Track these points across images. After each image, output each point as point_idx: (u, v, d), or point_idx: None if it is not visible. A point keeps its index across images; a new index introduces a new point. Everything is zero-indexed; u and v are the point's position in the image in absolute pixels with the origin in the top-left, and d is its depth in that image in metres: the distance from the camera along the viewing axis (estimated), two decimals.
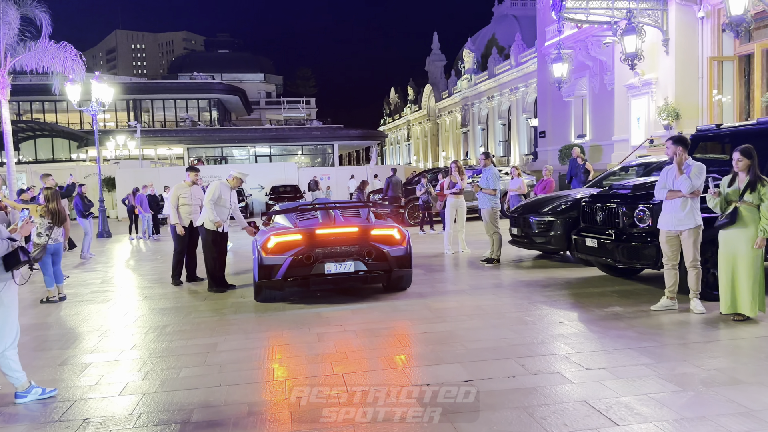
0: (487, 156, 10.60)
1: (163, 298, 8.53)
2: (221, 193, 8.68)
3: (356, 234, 7.54)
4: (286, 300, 7.86)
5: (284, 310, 7.31)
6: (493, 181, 10.16)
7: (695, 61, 21.78)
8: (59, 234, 8.46)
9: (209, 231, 8.66)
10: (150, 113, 52.95)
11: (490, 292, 7.88)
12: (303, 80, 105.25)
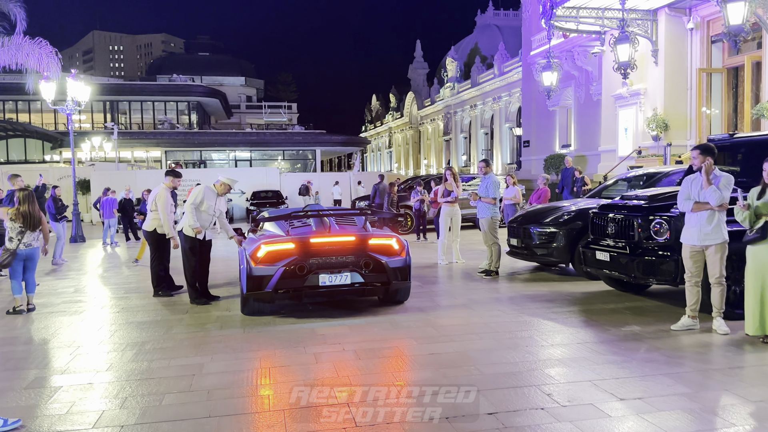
0: (487, 163, 10.17)
1: (141, 310, 7.90)
2: (205, 197, 8.07)
3: (353, 243, 7.02)
4: (276, 313, 7.30)
5: (275, 325, 6.75)
6: (493, 190, 9.72)
7: (684, 73, 21.70)
8: (33, 239, 7.77)
9: (188, 237, 8.05)
10: (127, 115, 51.84)
11: (493, 307, 7.41)
12: (284, 85, 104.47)
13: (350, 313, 7.25)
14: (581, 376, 4.73)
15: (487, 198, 9.85)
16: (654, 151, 21.91)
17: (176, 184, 8.99)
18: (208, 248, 8.41)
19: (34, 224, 7.65)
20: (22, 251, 7.65)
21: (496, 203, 9.95)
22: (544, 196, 12.02)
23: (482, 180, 10.10)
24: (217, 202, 8.28)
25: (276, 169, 32.64)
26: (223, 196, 8.33)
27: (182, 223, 8.13)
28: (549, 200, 12.26)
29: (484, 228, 9.87)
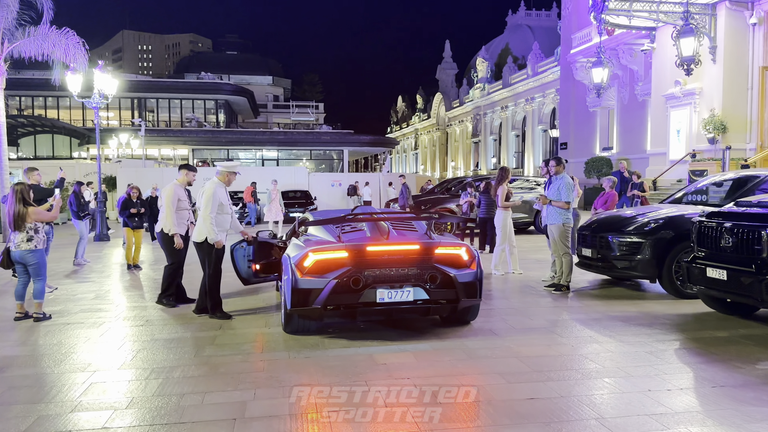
0: (558, 162, 8.94)
1: (167, 323, 6.90)
2: (219, 196, 7.04)
3: (416, 253, 5.94)
4: (323, 332, 6.24)
5: (324, 349, 5.69)
6: (566, 192, 8.49)
7: (744, 71, 20.24)
8: (24, 240, 6.95)
9: (213, 246, 7.06)
10: (155, 112, 51.47)
11: (581, 332, 6.26)
12: (310, 86, 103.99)
13: (410, 334, 6.16)
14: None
15: (559, 202, 8.62)
16: (710, 154, 20.48)
17: (190, 179, 7.94)
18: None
19: (17, 224, 6.81)
20: (16, 252, 6.90)
21: (570, 208, 8.71)
22: (612, 201, 10.79)
23: (553, 181, 8.89)
24: (227, 196, 7.37)
25: (305, 168, 31.73)
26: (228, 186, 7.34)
27: (200, 232, 7.04)
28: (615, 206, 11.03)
29: (553, 236, 8.66)
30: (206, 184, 7.13)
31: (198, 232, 7.07)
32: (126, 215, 11.75)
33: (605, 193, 10.93)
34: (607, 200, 10.82)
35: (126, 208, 11.81)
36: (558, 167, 8.84)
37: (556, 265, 8.69)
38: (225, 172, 7.21)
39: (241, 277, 7.74)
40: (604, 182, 11.04)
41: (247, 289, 8.96)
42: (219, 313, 7.07)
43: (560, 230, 8.45)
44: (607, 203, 10.83)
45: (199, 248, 7.10)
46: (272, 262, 7.71)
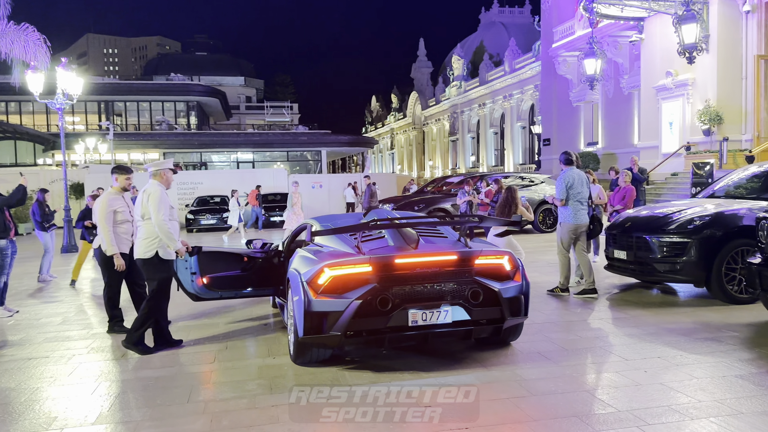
0: (565, 157, 8.02)
1: (149, 356, 5.79)
2: (165, 201, 5.85)
3: (454, 264, 4.95)
4: (341, 361, 5.22)
5: (347, 385, 4.66)
6: (558, 189, 7.74)
7: (738, 60, 19.72)
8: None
9: (167, 263, 5.89)
10: (123, 116, 49.63)
11: (644, 350, 5.33)
12: (282, 87, 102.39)
13: (445, 362, 5.17)
14: None
15: (555, 200, 7.81)
16: (705, 146, 19.93)
17: (125, 184, 6.68)
18: None
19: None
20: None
21: (566, 205, 7.78)
22: (630, 197, 9.94)
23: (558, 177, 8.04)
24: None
25: (284, 170, 30.52)
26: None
27: (151, 245, 5.84)
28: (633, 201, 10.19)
29: (558, 234, 7.91)
30: (147, 188, 5.87)
31: (145, 246, 5.82)
32: (82, 226, 10.17)
33: (621, 188, 10.09)
34: (625, 195, 9.98)
35: (83, 219, 10.32)
36: (565, 164, 7.89)
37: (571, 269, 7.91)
38: (159, 171, 6.00)
39: (187, 292, 6.50)
40: (620, 177, 10.17)
41: (235, 304, 7.88)
42: (141, 347, 5.80)
43: (560, 230, 7.85)
44: (625, 199, 9.99)
45: (148, 266, 5.83)
46: (233, 278, 6.59)
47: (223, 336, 6.43)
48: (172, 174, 6.14)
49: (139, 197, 5.90)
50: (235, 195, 18.42)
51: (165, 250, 5.83)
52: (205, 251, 6.62)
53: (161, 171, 6.01)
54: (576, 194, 7.57)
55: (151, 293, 5.87)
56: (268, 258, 6.94)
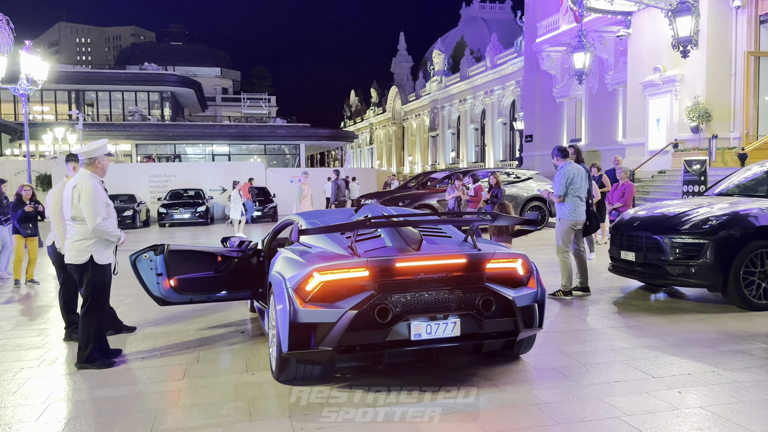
0: (560, 152, 7.44)
1: (109, 370, 5.06)
2: (99, 192, 5.02)
3: (463, 268, 4.32)
4: (330, 378, 4.55)
5: (339, 408, 4.00)
6: (555, 184, 7.25)
7: (728, 56, 19.41)
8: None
9: (102, 267, 5.08)
10: (95, 106, 48.06)
11: (672, 366, 4.76)
12: (259, 79, 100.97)
13: (450, 379, 4.53)
14: None
15: (553, 195, 7.30)
16: (693, 144, 19.59)
17: None
18: None
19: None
20: None
21: (563, 201, 7.26)
22: (630, 193, 9.46)
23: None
24: None
25: (261, 163, 29.66)
26: None
27: (83, 249, 5.01)
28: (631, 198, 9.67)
29: (557, 232, 7.39)
30: (78, 184, 4.99)
31: (77, 250, 5.00)
32: (17, 219, 9.42)
33: (620, 184, 9.57)
34: (624, 192, 9.47)
35: (16, 210, 9.43)
36: (557, 159, 7.34)
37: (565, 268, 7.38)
38: (94, 159, 5.09)
39: (153, 296, 5.78)
40: (618, 172, 9.66)
41: (207, 307, 7.16)
42: (98, 362, 5.06)
43: (558, 227, 7.38)
44: (624, 196, 9.49)
45: (81, 272, 5.03)
46: (205, 279, 5.90)
47: (194, 345, 5.72)
48: (108, 161, 5.26)
49: (67, 194, 5.04)
50: (237, 186, 17.31)
51: (101, 253, 5.06)
52: (172, 249, 5.89)
53: (96, 158, 5.11)
54: (576, 189, 7.08)
55: (87, 304, 5.07)
56: (245, 258, 6.24)
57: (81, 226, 5.00)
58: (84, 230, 5.00)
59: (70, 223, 5.07)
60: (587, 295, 7.33)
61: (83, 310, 5.08)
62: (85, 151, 5.13)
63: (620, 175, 9.69)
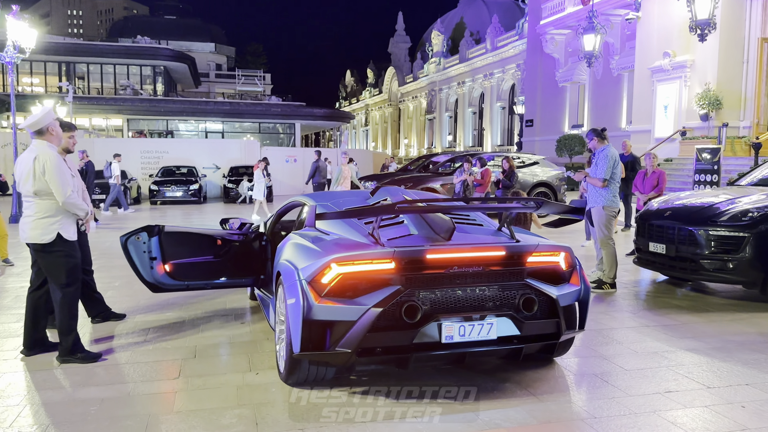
0: (598, 135, 6.93)
1: (92, 369, 4.52)
2: (62, 166, 4.46)
3: (502, 262, 3.79)
4: (344, 381, 4.04)
5: (357, 423, 3.49)
6: (603, 167, 6.69)
7: (741, 43, 18.90)
8: None
9: (69, 244, 4.54)
10: (86, 79, 46.94)
11: (723, 374, 4.28)
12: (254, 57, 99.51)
13: (478, 384, 4.02)
14: None
15: (594, 179, 6.78)
16: (702, 132, 19.13)
17: (68, 144, 5.23)
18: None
19: None
20: None
21: (609, 186, 6.80)
22: (663, 182, 8.88)
23: (595, 154, 6.97)
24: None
25: (256, 142, 28.95)
26: None
27: (48, 226, 4.48)
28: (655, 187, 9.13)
29: (597, 222, 6.85)
30: (39, 154, 4.40)
31: (42, 228, 4.46)
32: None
33: (651, 173, 9.00)
34: (659, 181, 8.90)
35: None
36: (596, 140, 6.85)
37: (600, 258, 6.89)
38: (47, 127, 4.49)
39: (146, 282, 5.28)
40: (646, 159, 9.11)
41: (203, 293, 6.62)
42: (81, 354, 4.57)
43: (600, 215, 6.68)
44: (659, 185, 8.93)
45: (47, 253, 4.49)
46: (203, 265, 5.40)
47: (190, 336, 5.18)
48: (60, 129, 4.68)
49: (26, 166, 4.44)
50: (261, 165, 16.03)
51: (68, 230, 4.55)
52: (168, 231, 5.35)
53: (49, 126, 4.53)
54: (617, 174, 6.62)
55: (59, 287, 4.51)
56: (246, 241, 5.70)
57: (45, 202, 4.46)
58: (49, 206, 4.47)
59: (30, 199, 4.50)
60: (613, 291, 6.85)
61: (58, 296, 4.53)
62: (32, 122, 4.52)
63: (650, 162, 9.08)
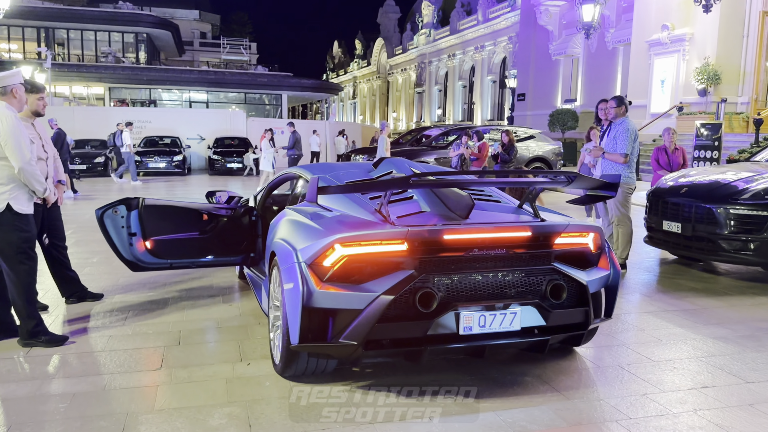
0: (620, 102, 6.52)
1: (66, 359, 4.07)
2: (17, 129, 3.94)
3: (527, 243, 3.36)
4: (344, 373, 3.63)
5: (360, 423, 3.09)
6: (624, 142, 6.31)
7: (741, 15, 18.43)
8: None
9: (21, 216, 4.05)
10: (65, 46, 45.47)
11: (761, 367, 3.92)
12: (239, 26, 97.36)
13: (493, 378, 3.63)
14: None
15: (613, 154, 6.38)
16: (700, 107, 18.75)
17: (38, 107, 4.53)
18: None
19: None
20: None
21: (628, 162, 6.43)
22: (686, 159, 8.41)
23: (612, 127, 6.54)
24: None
25: (242, 112, 28.17)
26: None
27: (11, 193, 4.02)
28: None
29: (614, 199, 6.45)
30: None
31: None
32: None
33: (675, 149, 8.52)
34: (684, 158, 8.46)
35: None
36: (618, 109, 6.44)
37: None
38: (6, 87, 4.05)
39: (124, 259, 4.84)
40: (665, 134, 8.63)
41: (186, 270, 6.16)
42: (45, 336, 4.13)
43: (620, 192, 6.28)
44: (685, 162, 8.48)
45: (13, 224, 4.00)
46: (188, 241, 4.97)
47: (173, 320, 4.74)
48: (23, 89, 4.20)
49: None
50: (268, 135, 15.15)
51: (20, 201, 4.05)
52: (148, 204, 4.87)
53: (10, 87, 4.07)
54: (636, 149, 6.21)
55: (9, 266, 4.03)
56: (235, 216, 5.24)
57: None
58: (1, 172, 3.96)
59: None
60: (623, 272, 6.48)
61: (11, 277, 4.04)
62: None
63: (669, 138, 8.55)
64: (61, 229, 5.03)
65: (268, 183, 5.54)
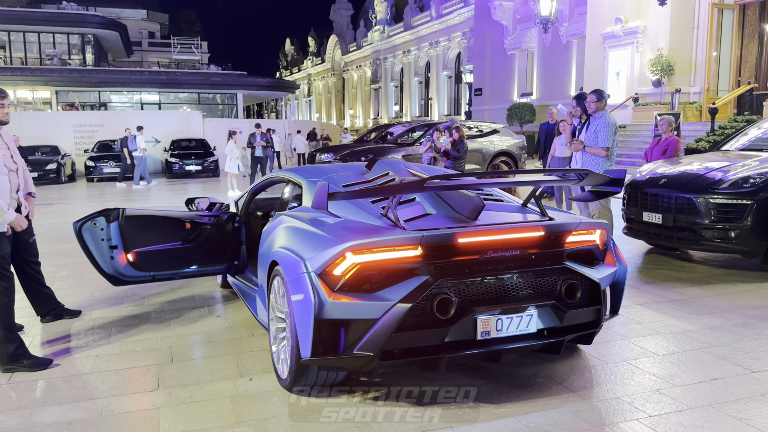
0: (599, 96, 6.58)
1: (54, 384, 3.83)
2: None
3: (540, 243, 3.31)
4: (353, 384, 3.51)
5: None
6: (605, 135, 6.38)
7: (691, 8, 18.98)
8: None
9: None
10: (7, 48, 43.55)
11: (764, 357, 3.98)
12: (188, 24, 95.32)
13: (502, 378, 3.57)
14: None
15: (595, 148, 6.45)
16: (655, 98, 19.25)
17: (1, 114, 4.22)
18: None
19: None
20: None
21: (609, 155, 6.51)
22: (674, 149, 8.40)
23: (591, 121, 6.59)
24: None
25: (198, 113, 27.54)
26: None
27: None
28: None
29: None
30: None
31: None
32: None
33: (663, 139, 8.58)
34: (668, 148, 8.49)
35: None
36: (598, 103, 6.50)
37: None
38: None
39: (105, 273, 4.62)
40: (661, 124, 8.68)
41: (165, 282, 5.92)
42: (27, 360, 3.89)
43: None
44: (668, 153, 8.52)
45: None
46: (171, 252, 4.78)
47: (160, 336, 4.52)
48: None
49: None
50: (234, 137, 15.01)
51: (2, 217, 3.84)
52: (129, 215, 4.64)
53: None
54: (616, 142, 6.25)
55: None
56: (218, 224, 5.05)
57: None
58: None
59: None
60: None
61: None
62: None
63: (663, 128, 8.61)
64: (33, 245, 4.73)
65: (251, 187, 5.36)
